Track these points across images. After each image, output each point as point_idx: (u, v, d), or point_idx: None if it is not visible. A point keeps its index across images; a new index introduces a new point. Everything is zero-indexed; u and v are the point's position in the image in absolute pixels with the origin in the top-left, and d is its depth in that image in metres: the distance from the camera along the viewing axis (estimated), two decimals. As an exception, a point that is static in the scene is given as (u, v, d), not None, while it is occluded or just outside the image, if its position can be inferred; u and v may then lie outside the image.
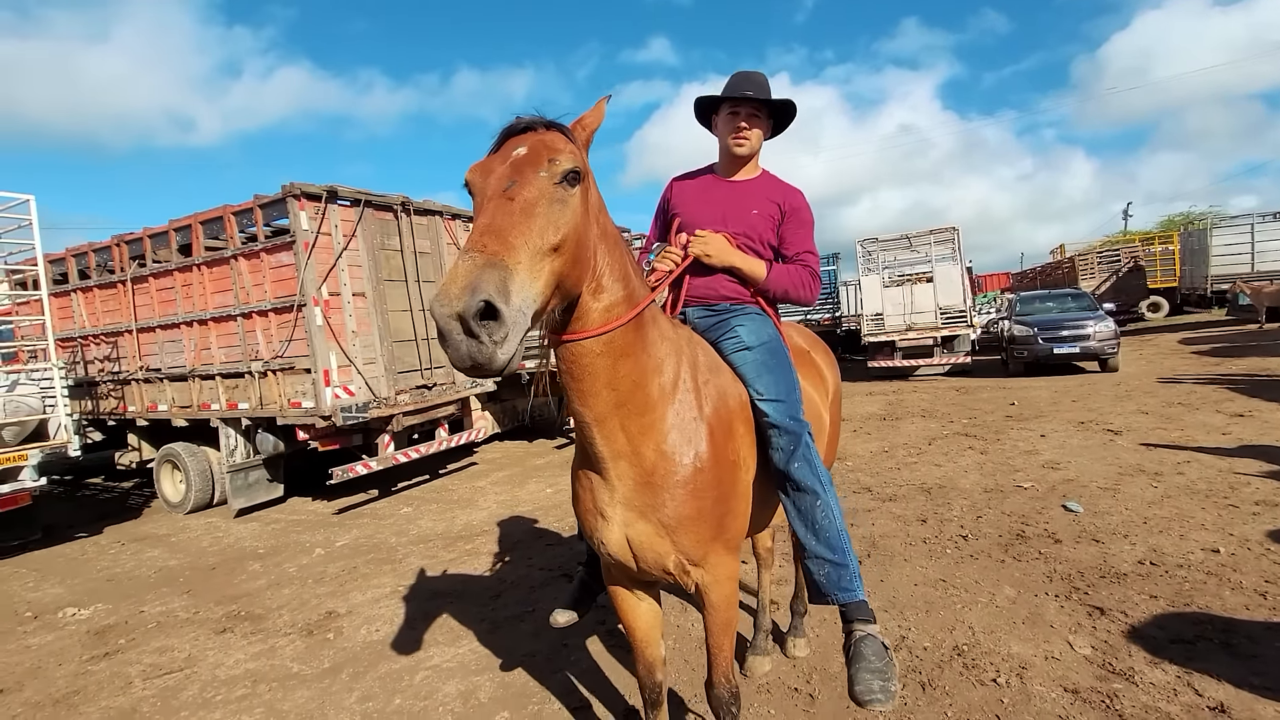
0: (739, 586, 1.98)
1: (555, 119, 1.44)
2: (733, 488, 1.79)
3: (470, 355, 1.13)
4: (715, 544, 1.76)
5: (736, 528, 1.83)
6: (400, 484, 7.48)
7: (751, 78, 2.07)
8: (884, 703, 1.66)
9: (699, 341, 1.93)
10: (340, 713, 2.91)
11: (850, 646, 1.77)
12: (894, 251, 14.09)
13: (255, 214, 5.97)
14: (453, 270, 1.14)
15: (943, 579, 3.66)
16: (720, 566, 1.79)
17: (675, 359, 1.74)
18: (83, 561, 5.79)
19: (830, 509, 1.85)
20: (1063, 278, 21.94)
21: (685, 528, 1.69)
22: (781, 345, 2.07)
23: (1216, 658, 2.63)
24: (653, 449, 1.66)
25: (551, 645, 3.31)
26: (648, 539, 1.71)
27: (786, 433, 1.87)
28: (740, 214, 2.14)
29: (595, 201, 1.52)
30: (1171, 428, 6.79)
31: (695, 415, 1.72)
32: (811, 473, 1.86)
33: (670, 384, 1.70)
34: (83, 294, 7.73)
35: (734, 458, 1.80)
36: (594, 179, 1.53)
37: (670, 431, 1.67)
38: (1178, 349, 14.01)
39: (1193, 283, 18.97)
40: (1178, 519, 4.21)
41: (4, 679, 3.60)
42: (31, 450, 5.54)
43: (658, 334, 1.70)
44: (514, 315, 1.15)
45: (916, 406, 9.88)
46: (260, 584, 4.76)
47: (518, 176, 1.29)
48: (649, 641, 2.00)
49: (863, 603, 1.83)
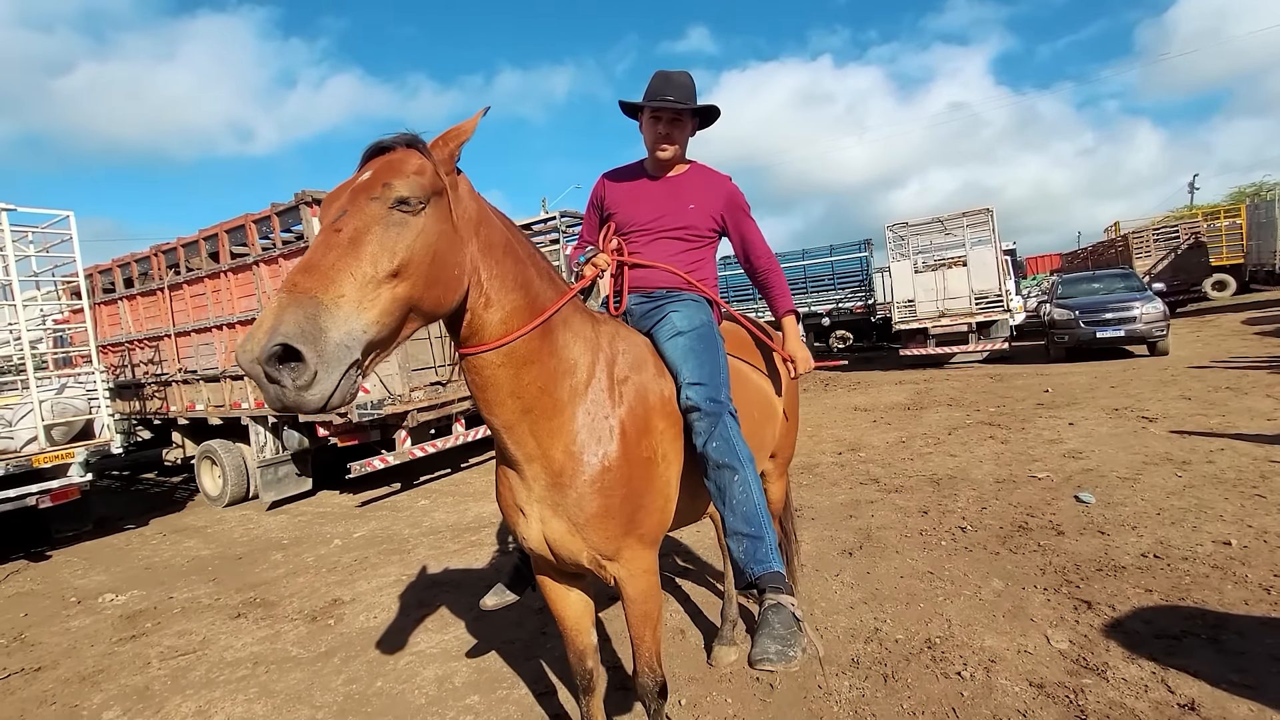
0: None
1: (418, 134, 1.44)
2: (646, 484, 1.81)
3: (278, 398, 1.13)
4: (628, 539, 1.78)
5: (651, 523, 1.85)
6: (421, 477, 7.74)
7: (673, 80, 2.09)
8: (775, 663, 1.62)
9: (624, 337, 1.95)
10: (326, 693, 3.07)
11: (760, 614, 1.74)
12: (927, 236, 13.66)
13: (273, 221, 6.27)
14: (261, 313, 1.14)
15: (930, 571, 3.58)
16: (635, 561, 1.81)
17: (590, 358, 1.76)
18: (127, 551, 6.22)
19: (748, 484, 1.85)
20: (1115, 257, 20.78)
21: (594, 525, 1.72)
22: (713, 332, 2.08)
23: (1200, 654, 2.51)
24: (561, 450, 1.69)
25: (531, 634, 3.39)
26: (561, 536, 1.76)
27: (706, 415, 1.87)
28: (678, 211, 2.18)
29: (469, 215, 1.49)
30: (1212, 414, 6.40)
31: (607, 414, 1.75)
32: (729, 450, 1.85)
33: (583, 384, 1.73)
34: (128, 301, 8.26)
35: (648, 454, 1.82)
36: (466, 191, 1.51)
37: (579, 432, 1.70)
38: (1240, 330, 13.14)
39: (1260, 258, 17.72)
40: (1194, 510, 3.99)
41: (44, 657, 3.92)
42: (78, 448, 5.98)
43: (570, 336, 1.73)
44: (331, 351, 1.14)
45: (944, 395, 9.58)
46: (279, 573, 5.02)
47: (350, 205, 1.30)
48: (579, 630, 2.04)
49: (777, 573, 1.80)
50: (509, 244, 1.62)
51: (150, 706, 3.15)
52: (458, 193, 1.47)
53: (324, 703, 2.98)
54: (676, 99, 2.05)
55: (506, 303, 1.56)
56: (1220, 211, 20.67)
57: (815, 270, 18.03)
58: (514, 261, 1.61)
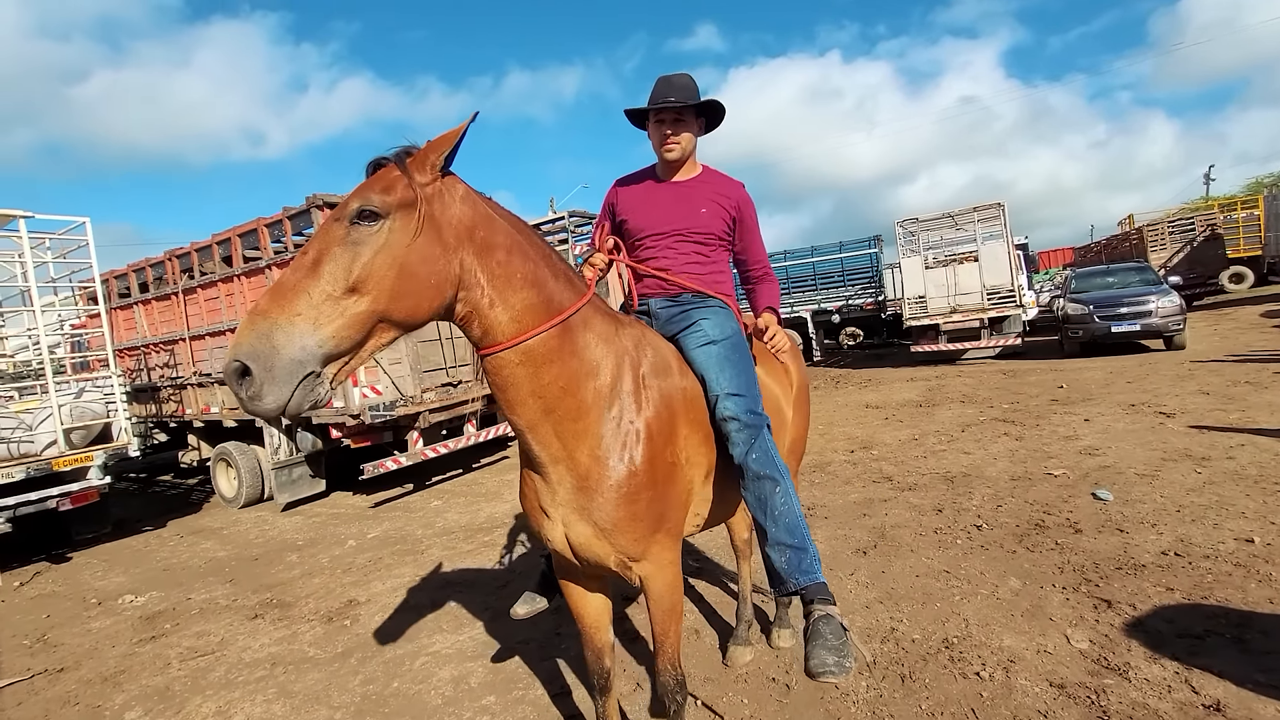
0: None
1: (411, 145, 1.50)
2: (669, 487, 1.82)
3: (242, 406, 1.30)
4: (655, 537, 1.79)
5: (676, 518, 1.86)
6: (434, 478, 7.77)
7: (674, 82, 2.09)
8: (836, 675, 1.67)
9: (649, 343, 1.95)
10: (343, 694, 3.09)
11: (809, 627, 1.78)
12: (938, 231, 13.55)
13: (285, 225, 6.31)
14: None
15: (947, 570, 3.56)
16: (662, 554, 1.82)
17: (614, 361, 1.76)
18: (145, 553, 6.30)
19: (789, 495, 1.88)
20: (1130, 250, 20.50)
21: (621, 530, 1.73)
22: (744, 340, 2.11)
23: (1224, 653, 2.47)
24: (587, 454, 1.69)
25: (545, 634, 3.40)
26: (587, 540, 1.76)
27: (746, 426, 1.90)
28: (689, 215, 2.17)
29: (458, 220, 1.50)
30: (1232, 409, 6.31)
31: (633, 418, 1.75)
32: (769, 461, 1.89)
33: (607, 387, 1.73)
34: (143, 306, 8.36)
35: (673, 459, 1.83)
36: (458, 196, 1.52)
37: (605, 436, 1.70)
38: (1259, 323, 12.94)
39: (1278, 250, 17.43)
40: (1215, 507, 3.93)
41: (66, 658, 3.98)
42: (96, 452, 6.06)
43: (592, 337, 1.73)
44: (282, 366, 1.26)
45: (957, 392, 9.51)
46: (295, 574, 5.06)
47: (317, 229, 1.44)
48: (597, 628, 2.05)
49: (822, 584, 1.84)
50: (515, 244, 1.61)
51: (171, 707, 3.18)
52: (443, 200, 1.49)
53: (342, 703, 3.00)
54: (678, 100, 2.05)
55: (516, 301, 1.57)
56: (1237, 203, 20.35)
57: (824, 267, 17.90)
58: (522, 259, 1.61)
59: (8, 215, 5.76)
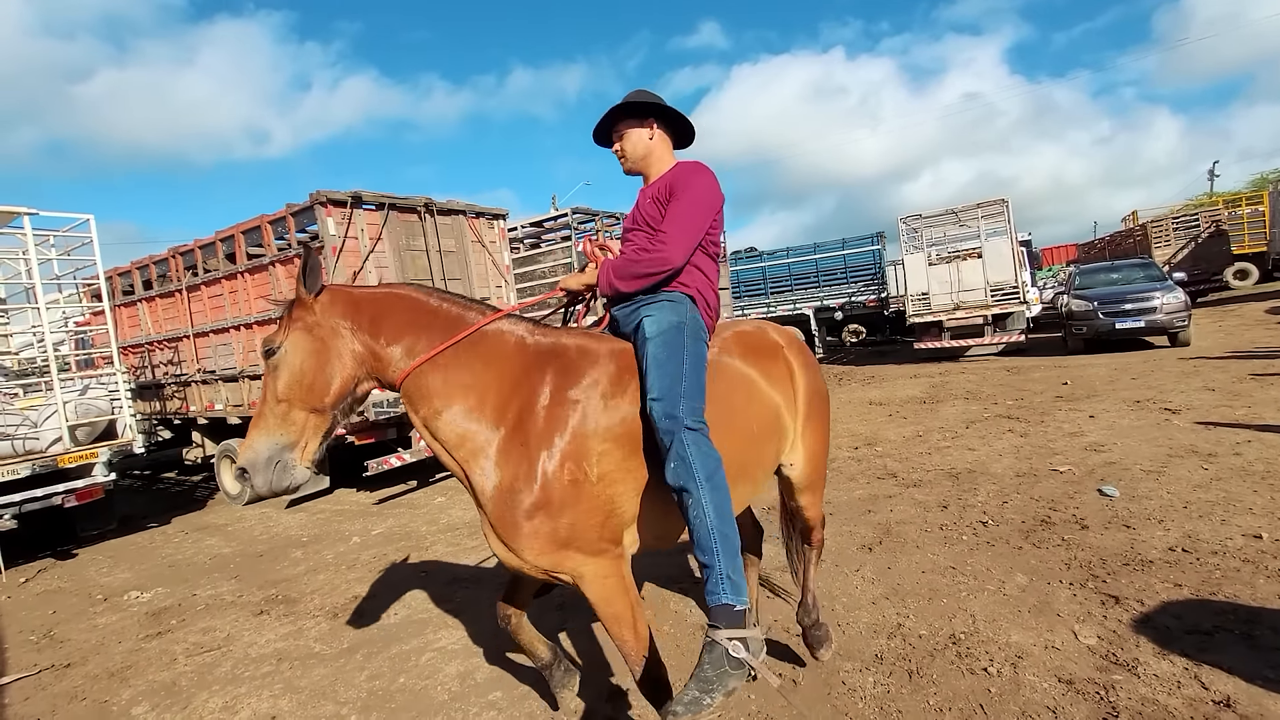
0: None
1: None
2: (573, 504, 1.79)
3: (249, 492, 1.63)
4: (565, 552, 1.81)
5: (590, 538, 1.82)
6: (437, 475, 7.77)
7: (627, 98, 2.13)
8: (679, 716, 1.60)
9: (566, 354, 1.95)
10: (349, 689, 3.09)
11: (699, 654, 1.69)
12: (941, 228, 13.50)
13: (288, 222, 6.30)
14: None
15: (953, 566, 3.55)
16: (584, 568, 1.84)
17: (508, 386, 1.87)
18: (150, 549, 6.31)
19: (701, 506, 1.71)
20: (1134, 247, 20.42)
21: (522, 546, 1.82)
22: (679, 335, 1.92)
23: (1233, 649, 2.46)
24: (477, 474, 1.84)
25: (550, 630, 3.39)
26: (502, 552, 1.88)
27: (663, 433, 1.78)
28: (649, 211, 2.12)
29: (332, 325, 1.90)
30: (1238, 405, 6.28)
31: (523, 441, 1.81)
32: (686, 470, 1.73)
33: (494, 411, 1.85)
34: (147, 303, 8.36)
35: (575, 477, 1.80)
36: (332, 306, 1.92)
37: (493, 458, 1.83)
38: (1264, 319, 12.90)
39: (1284, 246, 17.33)
40: (1223, 503, 3.92)
41: (73, 654, 3.99)
42: (101, 449, 6.06)
43: (481, 365, 1.88)
44: (261, 463, 1.83)
45: (961, 388, 9.49)
46: (300, 570, 5.07)
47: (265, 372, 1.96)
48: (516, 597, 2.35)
49: (726, 606, 1.69)
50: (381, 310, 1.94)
51: (178, 702, 3.19)
52: (316, 318, 1.90)
53: (348, 699, 3.01)
54: (605, 121, 2.16)
55: (387, 357, 1.91)
56: (1242, 199, 20.28)
57: (828, 264, 17.88)
58: (392, 320, 1.93)
59: (12, 213, 5.76)
